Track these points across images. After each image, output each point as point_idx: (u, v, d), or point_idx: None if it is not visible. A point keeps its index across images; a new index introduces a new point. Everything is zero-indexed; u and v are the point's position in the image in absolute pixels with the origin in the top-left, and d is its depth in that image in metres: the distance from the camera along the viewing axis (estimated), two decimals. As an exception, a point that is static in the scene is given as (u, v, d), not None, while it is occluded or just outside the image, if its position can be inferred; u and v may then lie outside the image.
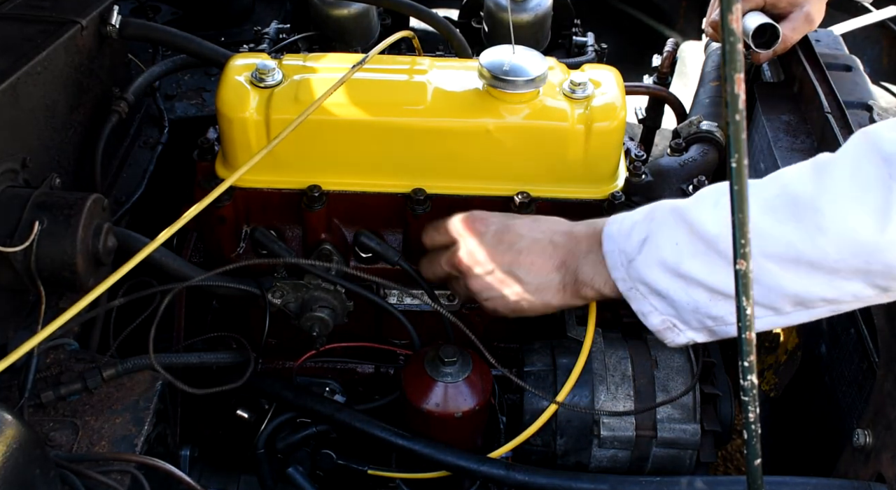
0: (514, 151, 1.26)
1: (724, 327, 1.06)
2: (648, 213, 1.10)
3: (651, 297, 1.08)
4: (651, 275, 1.06)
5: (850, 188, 0.93)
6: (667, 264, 1.05)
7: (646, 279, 1.07)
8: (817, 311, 1.02)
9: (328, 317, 1.29)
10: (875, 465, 1.14)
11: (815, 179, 0.97)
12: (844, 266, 0.94)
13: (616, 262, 1.10)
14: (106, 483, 0.97)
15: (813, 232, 0.94)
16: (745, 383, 0.75)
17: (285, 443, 1.31)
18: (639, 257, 1.07)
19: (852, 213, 0.92)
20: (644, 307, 1.09)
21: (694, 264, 1.02)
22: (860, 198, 0.92)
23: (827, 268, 0.95)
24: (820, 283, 0.97)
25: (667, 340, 1.11)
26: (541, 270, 1.15)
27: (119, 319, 1.33)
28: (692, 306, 1.05)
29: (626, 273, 1.09)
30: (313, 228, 1.30)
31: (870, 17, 2.30)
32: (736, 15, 0.59)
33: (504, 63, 1.24)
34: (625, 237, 1.09)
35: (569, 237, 1.16)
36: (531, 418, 1.24)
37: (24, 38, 1.35)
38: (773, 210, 0.97)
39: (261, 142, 1.25)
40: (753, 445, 0.79)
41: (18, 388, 1.09)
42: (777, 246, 0.97)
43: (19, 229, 1.12)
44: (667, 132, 1.93)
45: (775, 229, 0.97)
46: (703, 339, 1.09)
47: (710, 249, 1.01)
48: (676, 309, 1.07)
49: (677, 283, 1.05)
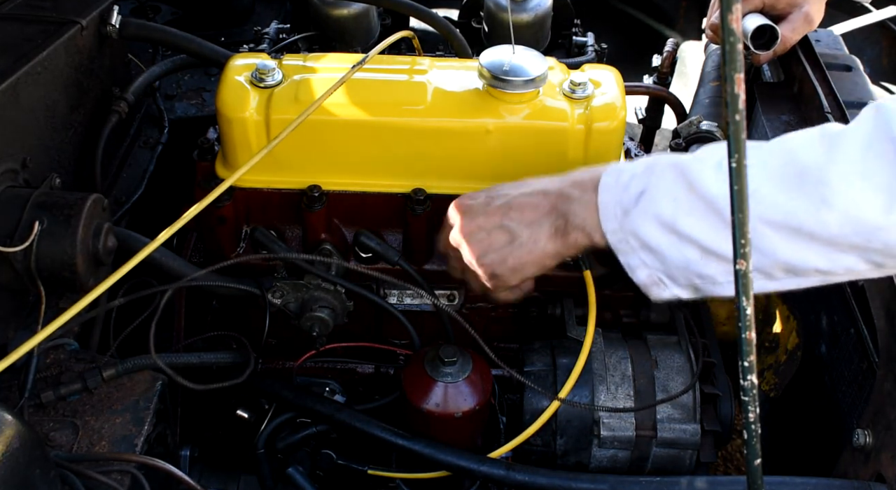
0: (514, 151, 1.26)
1: (710, 286, 1.05)
2: (648, 166, 1.08)
3: (641, 251, 1.06)
4: (645, 228, 1.05)
5: (860, 164, 0.92)
6: (662, 219, 1.03)
7: (639, 232, 1.05)
8: (808, 279, 1.01)
9: (328, 317, 1.29)
10: (875, 465, 1.14)
11: (824, 150, 0.95)
12: (844, 240, 0.94)
13: (610, 213, 1.08)
14: (106, 483, 0.97)
15: (817, 203, 0.93)
16: (745, 383, 0.75)
17: (285, 443, 1.31)
18: (634, 210, 1.05)
19: (860, 190, 0.91)
20: (632, 261, 1.08)
21: (690, 221, 1.01)
22: (870, 175, 0.91)
23: (825, 240, 0.95)
24: (816, 253, 0.96)
25: (651, 295, 1.10)
26: (532, 217, 1.14)
27: (119, 319, 1.33)
28: (682, 263, 1.04)
29: (620, 224, 1.07)
30: (313, 228, 1.30)
31: (870, 17, 2.31)
32: (736, 15, 0.59)
33: (504, 63, 1.24)
34: (622, 188, 1.07)
35: (562, 181, 1.14)
36: (531, 418, 1.24)
37: (24, 38, 1.36)
38: (778, 177, 0.96)
39: (261, 142, 1.25)
40: (753, 445, 0.79)
41: (18, 388, 1.09)
42: (777, 213, 0.96)
43: (19, 229, 1.12)
44: (667, 132, 1.94)
45: (778, 196, 0.95)
46: (687, 295, 1.08)
47: (708, 208, 1.00)
48: (666, 264, 1.05)
49: (671, 238, 1.03)
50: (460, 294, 1.38)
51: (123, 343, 1.30)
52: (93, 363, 1.16)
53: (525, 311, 1.39)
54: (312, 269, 1.28)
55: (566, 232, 1.12)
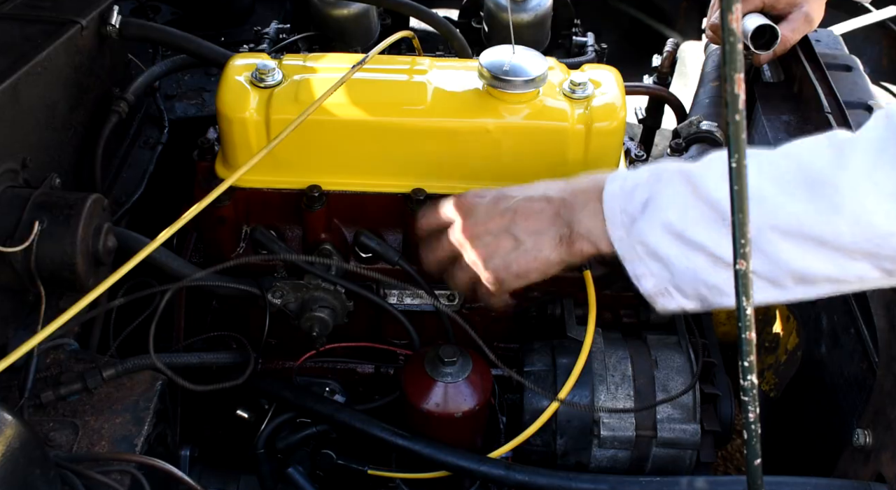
0: (513, 151, 1.26)
1: (718, 297, 1.03)
2: (653, 174, 1.07)
3: (648, 260, 1.05)
4: (653, 237, 1.03)
5: (871, 170, 0.91)
6: (671, 227, 1.02)
7: (646, 240, 1.04)
8: (818, 288, 1.00)
9: (328, 317, 1.28)
10: (875, 465, 1.14)
11: (834, 156, 0.94)
12: (854, 247, 0.93)
13: (616, 221, 1.07)
14: (106, 483, 0.96)
15: (827, 210, 0.92)
16: (745, 383, 0.75)
17: (285, 443, 1.31)
18: (641, 218, 1.04)
19: (871, 196, 0.90)
20: (639, 269, 1.06)
21: (699, 229, 1.00)
22: (881, 181, 0.90)
23: (836, 247, 0.94)
24: (826, 260, 0.95)
25: (657, 305, 1.08)
26: (537, 226, 1.13)
27: (119, 319, 1.33)
28: (690, 272, 1.03)
29: (626, 232, 1.06)
30: (313, 228, 1.30)
31: (870, 17, 2.31)
32: (736, 15, 0.59)
33: (504, 63, 1.24)
34: (627, 196, 1.06)
35: (564, 190, 1.13)
36: (531, 418, 1.24)
37: (24, 38, 1.35)
38: (788, 184, 0.95)
39: (261, 142, 1.25)
40: (753, 445, 0.79)
41: (18, 389, 1.09)
42: (787, 220, 0.95)
43: (19, 229, 1.12)
44: (667, 132, 1.93)
45: (788, 203, 0.95)
46: (693, 306, 1.07)
47: (716, 216, 0.99)
48: (673, 273, 1.04)
49: (679, 247, 1.02)
50: (460, 294, 1.38)
51: (123, 343, 1.30)
52: (93, 363, 1.16)
53: (525, 311, 1.39)
54: (312, 270, 1.28)
55: (571, 241, 1.12)
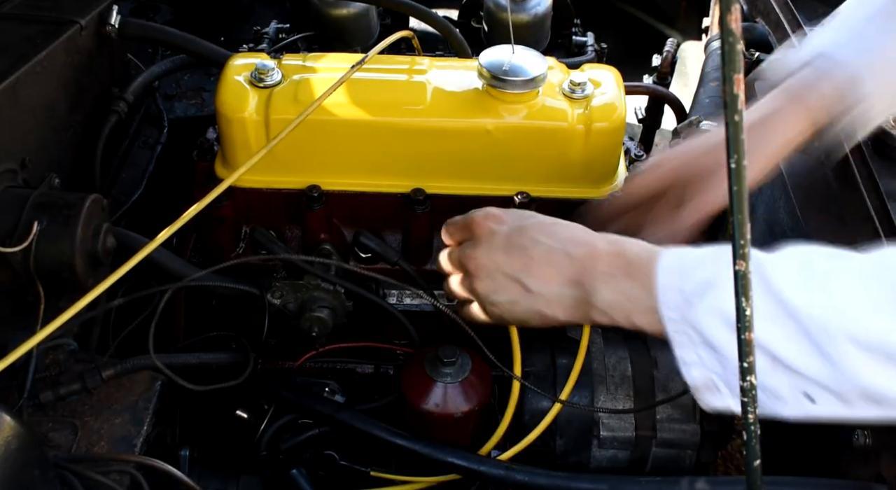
0: (513, 151, 1.26)
1: (771, 401, 0.93)
2: (716, 254, 0.94)
3: (701, 347, 0.93)
4: (709, 324, 0.91)
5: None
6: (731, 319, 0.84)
7: (701, 327, 0.92)
8: (889, 411, 0.90)
9: (327, 317, 1.28)
10: (875, 465, 1.14)
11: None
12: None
13: (670, 300, 0.95)
14: (105, 483, 0.96)
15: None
16: (745, 383, 0.75)
17: (289, 445, 1.31)
18: (700, 303, 0.92)
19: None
20: (688, 356, 0.94)
21: (762, 326, 0.86)
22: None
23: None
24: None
25: (701, 401, 0.97)
26: (551, 282, 1.04)
27: (118, 319, 1.32)
28: None
29: (681, 315, 0.94)
30: (313, 228, 1.30)
31: (870, 17, 2.30)
32: (735, 15, 0.59)
33: (504, 63, 1.24)
34: (686, 275, 0.94)
35: (588, 251, 1.03)
36: (531, 418, 1.24)
37: (23, 38, 1.35)
38: (878, 298, 0.86)
39: (260, 142, 1.25)
40: (753, 445, 0.79)
41: (17, 389, 1.09)
42: (870, 335, 0.85)
43: (18, 229, 1.12)
44: (667, 132, 1.93)
45: (875, 318, 0.85)
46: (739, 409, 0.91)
47: (786, 315, 0.88)
48: (726, 368, 0.92)
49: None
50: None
51: (123, 343, 1.30)
52: (92, 363, 1.16)
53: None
54: (312, 270, 1.28)
55: (586, 310, 1.03)
